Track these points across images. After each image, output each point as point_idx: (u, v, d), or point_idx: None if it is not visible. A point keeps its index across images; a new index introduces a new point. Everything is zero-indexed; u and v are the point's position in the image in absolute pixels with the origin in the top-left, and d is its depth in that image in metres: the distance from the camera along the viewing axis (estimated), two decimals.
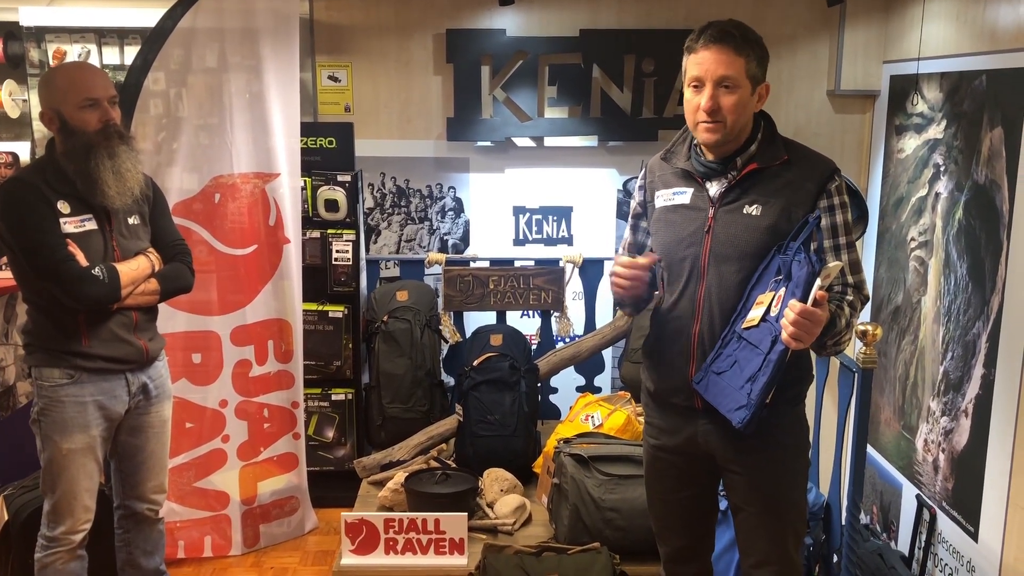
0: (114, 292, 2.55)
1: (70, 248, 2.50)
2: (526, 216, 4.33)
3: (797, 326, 1.92)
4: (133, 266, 2.64)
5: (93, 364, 2.59)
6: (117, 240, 2.64)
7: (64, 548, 2.64)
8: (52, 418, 2.59)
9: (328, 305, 3.88)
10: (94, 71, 2.62)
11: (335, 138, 3.89)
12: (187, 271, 2.81)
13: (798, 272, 2.01)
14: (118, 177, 2.56)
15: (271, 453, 3.62)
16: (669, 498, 2.37)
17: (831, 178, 2.15)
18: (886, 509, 3.79)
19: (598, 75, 4.08)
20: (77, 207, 2.56)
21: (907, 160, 3.69)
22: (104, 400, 2.63)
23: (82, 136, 2.52)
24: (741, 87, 2.09)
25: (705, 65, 2.09)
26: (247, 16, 3.35)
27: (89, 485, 2.66)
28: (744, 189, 2.16)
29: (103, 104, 2.55)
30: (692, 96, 2.13)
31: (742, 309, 2.12)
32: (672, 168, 2.27)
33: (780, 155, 2.17)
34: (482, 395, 3.49)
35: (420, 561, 2.92)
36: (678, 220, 2.22)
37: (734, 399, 2.06)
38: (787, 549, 2.25)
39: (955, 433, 3.24)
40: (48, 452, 2.61)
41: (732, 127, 2.12)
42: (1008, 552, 2.92)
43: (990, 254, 3.04)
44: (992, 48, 3.08)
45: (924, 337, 3.51)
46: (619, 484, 2.93)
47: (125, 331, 2.64)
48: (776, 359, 2.00)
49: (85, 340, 2.58)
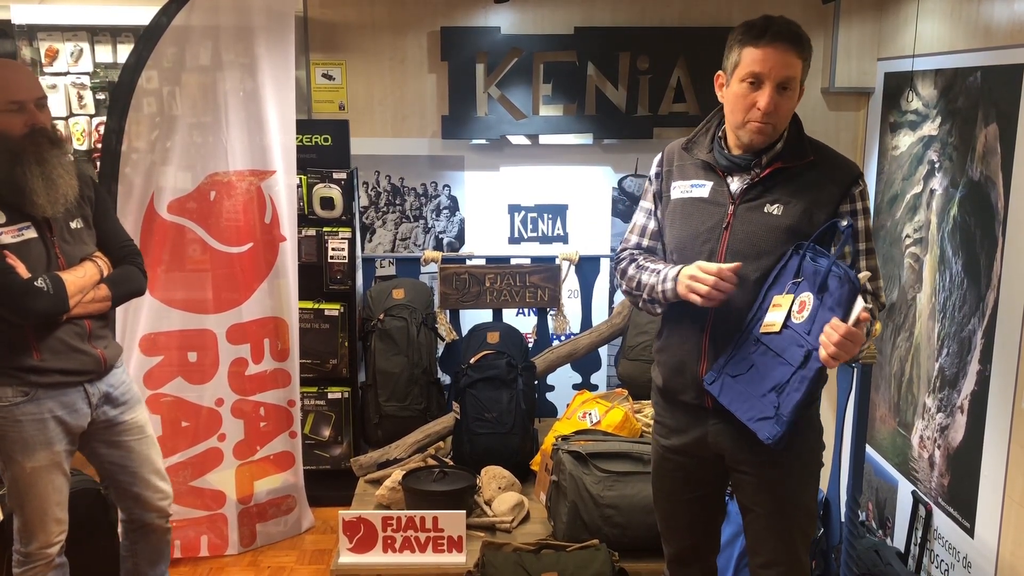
0: (61, 303, 2.41)
1: (8, 260, 2.35)
2: (521, 214, 4.33)
3: (841, 347, 1.87)
4: (79, 273, 2.49)
5: (48, 379, 2.46)
6: (60, 247, 2.48)
7: (41, 562, 2.55)
8: (11, 438, 2.46)
9: (324, 303, 3.86)
10: (19, 70, 2.47)
11: (331, 135, 3.88)
12: (138, 273, 2.67)
13: (837, 288, 1.94)
14: (48, 184, 2.39)
15: (267, 452, 3.61)
16: (676, 499, 2.35)
17: (855, 183, 2.11)
18: (882, 506, 3.81)
19: (593, 73, 4.08)
20: (13, 216, 2.39)
21: (902, 157, 3.70)
22: (64, 415, 2.51)
23: (6, 142, 2.35)
24: (795, 91, 2.05)
25: (769, 63, 2.01)
26: (242, 14, 3.34)
27: (59, 499, 2.55)
28: (767, 187, 2.11)
29: (29, 107, 2.37)
30: (747, 92, 2.04)
31: (758, 310, 2.08)
32: (692, 159, 2.21)
33: (806, 155, 2.12)
34: (479, 393, 3.48)
35: (418, 559, 2.91)
36: (695, 214, 2.17)
37: (757, 408, 2.01)
38: (796, 550, 2.23)
39: (951, 429, 3.26)
40: (11, 471, 2.49)
41: (779, 129, 2.08)
42: (1004, 547, 2.93)
43: (985, 250, 3.05)
44: (986, 45, 3.09)
45: (920, 334, 3.52)
46: (617, 481, 2.93)
47: (79, 341, 2.50)
48: (812, 376, 1.96)
49: (36, 354, 2.43)
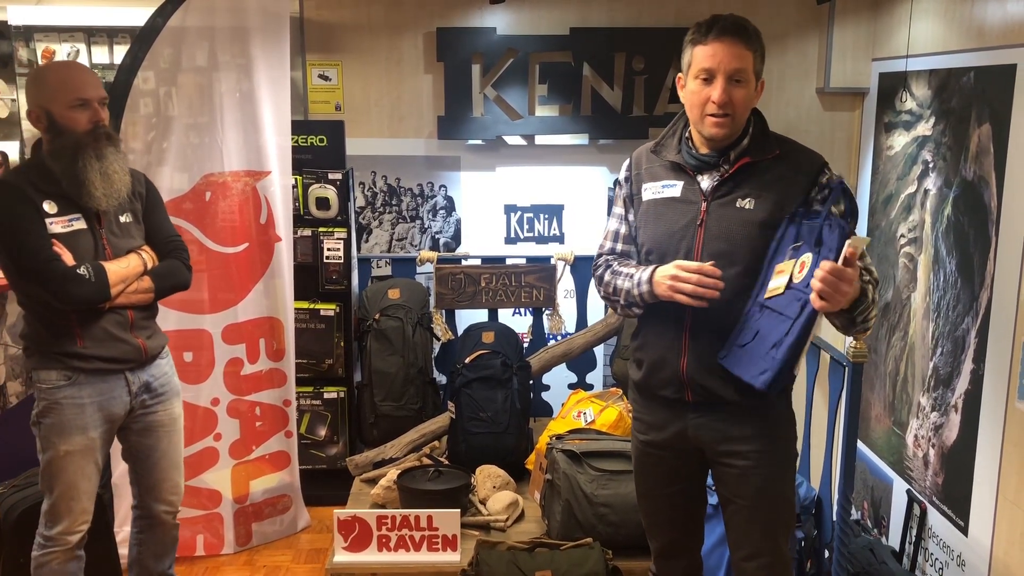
0: (102, 291, 2.52)
1: (55, 248, 2.47)
2: (517, 214, 4.34)
3: (825, 283, 1.90)
4: (123, 264, 2.60)
5: (90, 365, 2.57)
6: (108, 239, 2.60)
7: (60, 548, 2.62)
8: (51, 420, 2.56)
9: (320, 303, 3.87)
10: (86, 71, 2.60)
11: (326, 136, 3.89)
12: (183, 268, 2.77)
13: (829, 236, 2.00)
14: (105, 179, 2.52)
15: (263, 451, 3.62)
16: (658, 493, 2.38)
17: (822, 171, 2.17)
18: (877, 504, 3.81)
19: (588, 73, 4.09)
20: (65, 207, 2.52)
21: (896, 157, 3.71)
22: (103, 401, 2.61)
23: (71, 136, 2.49)
24: (749, 82, 2.10)
25: (718, 57, 2.08)
26: (237, 15, 3.35)
27: (87, 487, 2.63)
28: (737, 183, 2.16)
29: (94, 105, 2.51)
30: (700, 88, 2.11)
31: (763, 281, 2.12)
32: (661, 161, 2.27)
33: (772, 149, 2.18)
34: (474, 392, 3.49)
35: (413, 558, 2.92)
36: (669, 213, 2.22)
37: (759, 365, 2.05)
38: (777, 541, 2.26)
39: (945, 428, 3.26)
40: (47, 454, 2.59)
41: (739, 121, 2.13)
42: (998, 546, 2.94)
43: (979, 250, 3.06)
44: (980, 45, 3.10)
45: (914, 333, 3.53)
46: (611, 480, 2.93)
47: (120, 330, 2.61)
48: (804, 321, 1.99)
49: (80, 341, 2.55)
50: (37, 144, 2.59)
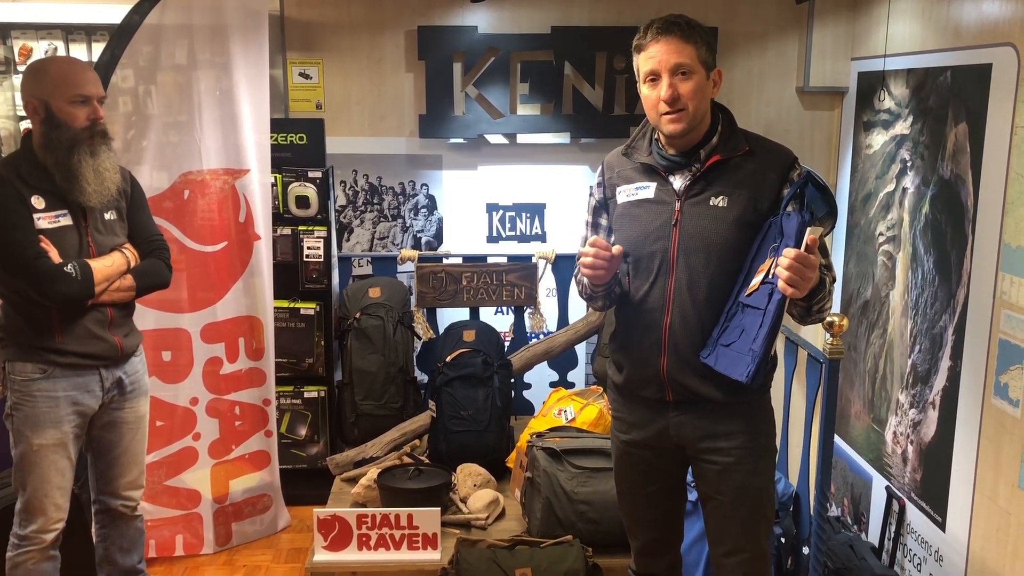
0: (87, 289, 2.54)
1: (42, 244, 2.49)
2: (499, 213, 4.33)
3: (791, 270, 1.94)
4: (107, 262, 2.62)
5: (66, 360, 2.58)
6: (93, 236, 2.62)
7: (36, 547, 2.61)
8: (24, 413, 2.57)
9: (300, 302, 3.86)
10: (89, 69, 2.63)
11: (306, 134, 3.88)
12: (164, 267, 2.79)
13: (788, 225, 2.05)
14: (98, 176, 2.56)
15: (243, 451, 3.60)
16: (639, 492, 2.38)
17: (792, 166, 2.19)
18: (857, 501, 3.83)
19: (570, 72, 4.09)
20: (52, 202, 2.54)
21: (875, 156, 3.73)
22: (77, 395, 2.62)
23: (68, 130, 2.52)
24: (696, 72, 2.13)
25: (658, 57, 2.13)
26: (216, 12, 3.33)
27: (61, 483, 2.63)
28: (709, 181, 2.18)
29: (94, 102, 2.56)
30: (650, 91, 2.16)
31: (744, 281, 2.15)
32: (633, 163, 2.29)
33: (741, 146, 2.20)
34: (455, 391, 3.48)
35: (393, 556, 2.91)
36: (643, 215, 2.23)
37: (744, 362, 2.08)
38: (758, 537, 2.27)
39: (923, 425, 3.28)
40: (20, 448, 2.60)
41: (694, 114, 2.14)
42: (975, 541, 2.96)
43: (956, 248, 3.08)
44: (956, 45, 3.12)
45: (892, 331, 3.55)
46: (591, 477, 2.94)
47: (99, 327, 2.63)
48: (774, 308, 2.03)
49: (58, 336, 2.56)
50: (27, 137, 2.59)
